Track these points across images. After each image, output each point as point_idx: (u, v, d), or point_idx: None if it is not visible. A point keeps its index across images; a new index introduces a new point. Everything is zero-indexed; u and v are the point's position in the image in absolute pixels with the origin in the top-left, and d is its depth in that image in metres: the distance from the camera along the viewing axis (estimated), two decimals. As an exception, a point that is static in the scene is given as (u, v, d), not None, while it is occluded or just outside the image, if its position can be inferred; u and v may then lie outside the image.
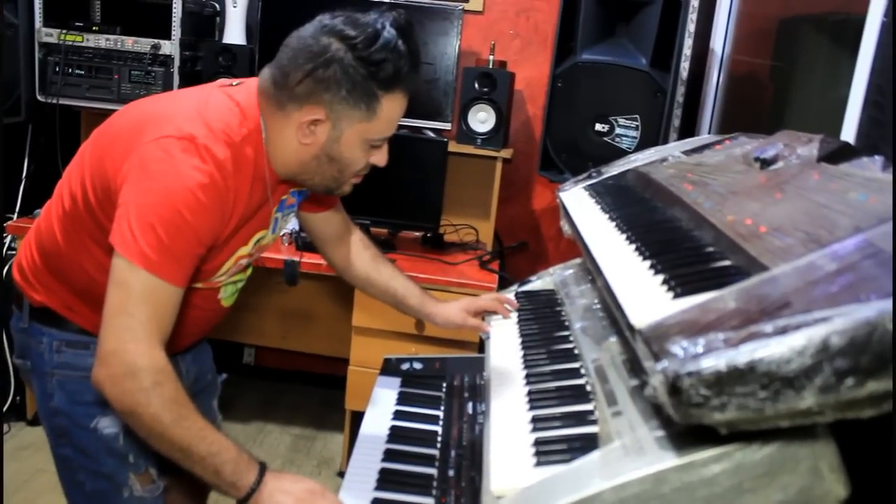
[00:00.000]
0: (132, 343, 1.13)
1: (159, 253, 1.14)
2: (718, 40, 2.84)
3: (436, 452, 1.38)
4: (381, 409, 1.56)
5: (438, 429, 1.47)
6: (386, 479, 1.29)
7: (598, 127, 2.52)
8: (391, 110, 1.26)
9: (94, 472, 1.41)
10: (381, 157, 1.34)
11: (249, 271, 1.51)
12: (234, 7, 2.92)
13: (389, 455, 1.37)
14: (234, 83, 1.34)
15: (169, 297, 1.17)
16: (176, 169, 1.16)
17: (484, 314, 1.67)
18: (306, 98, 1.23)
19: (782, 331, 0.65)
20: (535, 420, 1.07)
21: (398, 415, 1.53)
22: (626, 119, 2.49)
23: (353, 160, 1.31)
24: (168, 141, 1.18)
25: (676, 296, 0.87)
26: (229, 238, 1.31)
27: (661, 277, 0.95)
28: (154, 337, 1.14)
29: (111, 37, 2.79)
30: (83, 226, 1.31)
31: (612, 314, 1.21)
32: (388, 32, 1.22)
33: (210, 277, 1.37)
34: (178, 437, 1.13)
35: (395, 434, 1.45)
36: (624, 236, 1.22)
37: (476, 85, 2.75)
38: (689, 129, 2.89)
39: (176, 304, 1.19)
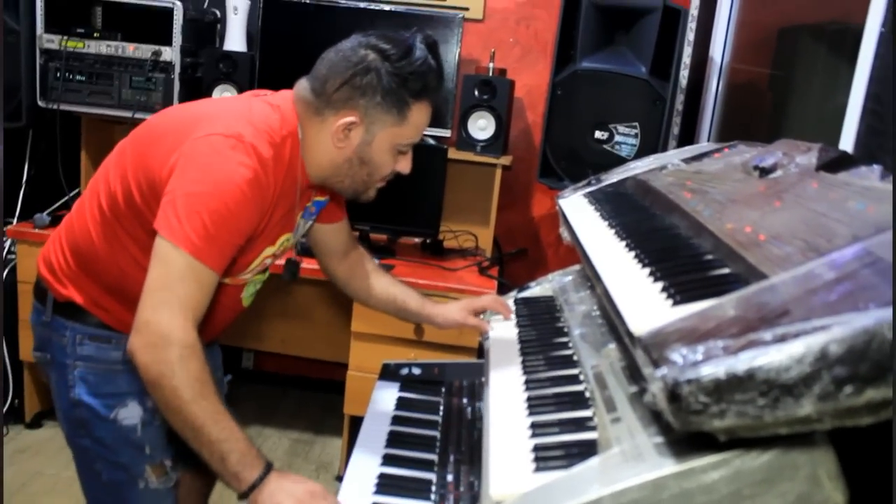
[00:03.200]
0: (168, 316, 1.17)
1: (203, 239, 1.19)
2: (718, 49, 2.85)
3: (434, 457, 1.38)
4: (379, 414, 1.56)
5: (437, 434, 1.47)
6: (385, 484, 1.29)
7: (598, 134, 2.52)
8: (419, 117, 1.38)
9: (112, 463, 1.45)
10: (405, 164, 1.44)
11: (267, 274, 1.57)
12: (235, 14, 2.93)
13: (388, 460, 1.37)
14: (268, 93, 1.43)
15: (207, 281, 1.22)
16: (224, 163, 1.23)
17: (484, 314, 1.69)
18: (343, 103, 1.33)
19: (781, 339, 0.65)
20: (534, 426, 1.07)
21: (397, 420, 1.53)
22: (626, 127, 2.50)
23: (382, 164, 1.40)
24: (217, 138, 1.25)
25: (676, 303, 0.87)
26: (262, 233, 1.37)
27: (660, 285, 0.95)
28: (190, 313, 1.19)
29: (112, 43, 2.80)
30: (122, 224, 1.35)
31: (612, 321, 1.22)
32: (420, 48, 1.34)
33: (239, 273, 1.43)
34: (193, 415, 1.16)
35: (394, 439, 1.45)
36: (623, 243, 1.22)
37: (476, 92, 2.76)
38: (688, 137, 2.90)
39: (212, 289, 1.24)
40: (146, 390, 1.20)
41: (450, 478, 1.31)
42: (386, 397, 1.63)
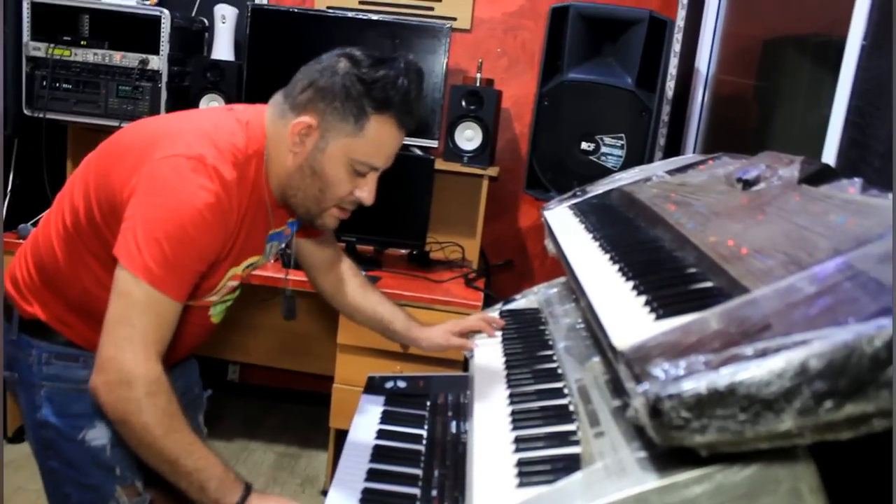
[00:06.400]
0: (130, 352, 1.15)
1: (163, 267, 1.16)
2: (703, 60, 2.87)
3: (419, 472, 1.37)
4: (364, 428, 1.55)
5: (422, 448, 1.46)
6: (369, 499, 1.29)
7: (584, 145, 2.53)
8: (379, 133, 1.29)
9: (81, 485, 1.42)
10: (366, 192, 1.34)
11: (238, 291, 1.53)
12: (223, 23, 2.93)
13: (373, 474, 1.37)
14: (242, 108, 1.38)
15: (169, 311, 1.19)
16: (185, 187, 1.18)
17: (469, 333, 1.67)
18: (304, 106, 1.28)
19: (762, 353, 0.65)
20: (517, 440, 1.07)
21: (382, 434, 1.52)
22: (612, 138, 2.51)
23: (335, 179, 1.31)
24: (178, 159, 1.20)
25: (658, 317, 0.87)
26: (227, 256, 1.33)
27: (643, 298, 0.95)
28: (152, 348, 1.17)
29: (99, 51, 2.79)
30: (84, 241, 1.32)
31: (596, 334, 1.22)
32: (397, 67, 1.28)
33: (203, 296, 1.39)
34: (166, 450, 1.15)
35: (379, 453, 1.44)
36: (607, 256, 1.22)
37: (463, 103, 2.76)
38: (674, 148, 2.92)
39: (175, 318, 1.21)
40: None
41: (434, 493, 1.30)
42: (371, 411, 1.62)
